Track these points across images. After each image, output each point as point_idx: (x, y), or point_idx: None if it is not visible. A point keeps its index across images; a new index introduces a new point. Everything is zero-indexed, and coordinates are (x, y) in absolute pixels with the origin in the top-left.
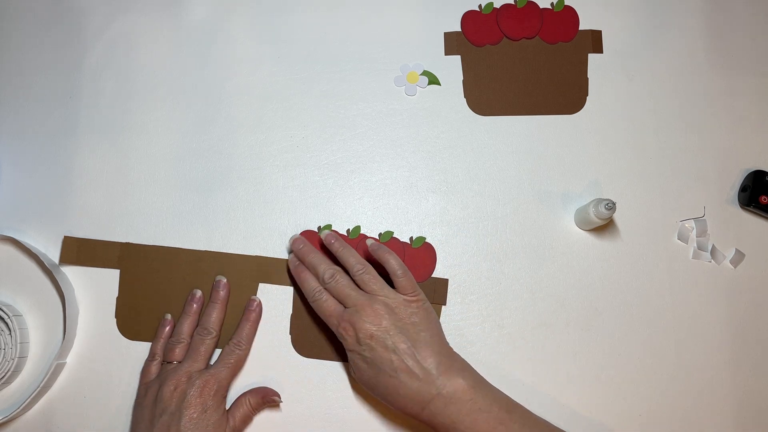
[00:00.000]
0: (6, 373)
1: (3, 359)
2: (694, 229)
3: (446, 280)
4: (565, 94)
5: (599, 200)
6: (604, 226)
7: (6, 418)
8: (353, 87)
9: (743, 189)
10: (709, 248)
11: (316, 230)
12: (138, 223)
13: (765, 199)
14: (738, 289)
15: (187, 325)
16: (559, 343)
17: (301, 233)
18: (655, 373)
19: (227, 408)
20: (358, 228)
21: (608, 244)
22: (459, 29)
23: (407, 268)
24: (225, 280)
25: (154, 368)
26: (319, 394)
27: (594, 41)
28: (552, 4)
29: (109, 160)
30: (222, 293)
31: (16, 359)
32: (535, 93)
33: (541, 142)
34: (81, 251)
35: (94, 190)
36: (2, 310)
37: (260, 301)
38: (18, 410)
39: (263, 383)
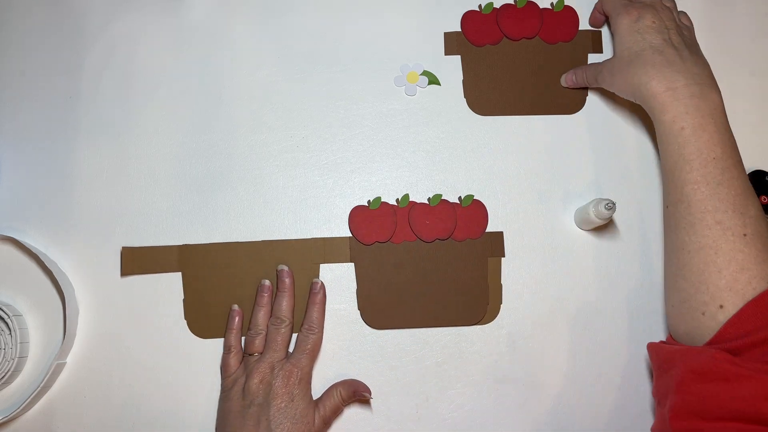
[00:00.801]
0: (6, 373)
1: (3, 359)
2: None
3: (501, 233)
4: (565, 94)
5: (599, 200)
6: (604, 226)
7: (6, 418)
8: (353, 87)
9: None
10: None
11: (367, 204)
12: (138, 223)
13: (765, 199)
14: None
15: (262, 316)
16: (559, 343)
17: (352, 209)
18: None
19: (318, 397)
20: (407, 196)
21: (608, 244)
22: (459, 29)
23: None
24: (287, 268)
25: (233, 360)
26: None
27: (594, 41)
28: (552, 4)
29: (109, 160)
30: (287, 281)
31: (16, 359)
32: (535, 93)
33: (541, 142)
34: (139, 260)
35: (94, 190)
36: (2, 310)
37: (323, 283)
38: (18, 410)
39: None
